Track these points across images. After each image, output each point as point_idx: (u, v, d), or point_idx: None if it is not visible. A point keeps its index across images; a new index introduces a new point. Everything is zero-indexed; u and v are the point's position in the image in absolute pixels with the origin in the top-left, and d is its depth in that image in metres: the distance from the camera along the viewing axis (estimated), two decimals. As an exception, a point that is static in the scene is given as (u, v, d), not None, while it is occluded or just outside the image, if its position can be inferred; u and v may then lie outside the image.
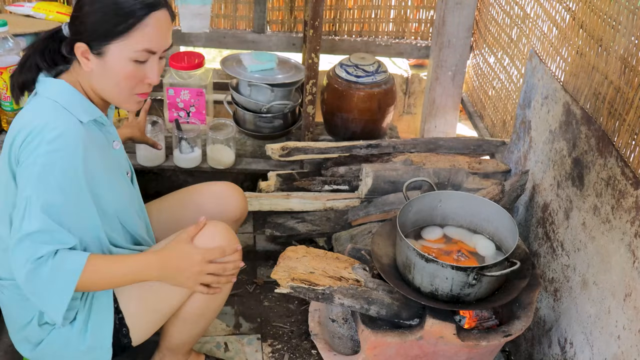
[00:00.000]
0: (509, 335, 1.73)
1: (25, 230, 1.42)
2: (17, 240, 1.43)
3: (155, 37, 1.49)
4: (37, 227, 1.42)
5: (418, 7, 3.20)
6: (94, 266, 1.48)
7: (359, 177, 2.43)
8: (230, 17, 3.14)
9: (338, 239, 2.31)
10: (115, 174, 1.64)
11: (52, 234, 1.43)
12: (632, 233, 1.57)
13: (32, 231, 1.42)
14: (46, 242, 1.43)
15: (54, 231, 1.43)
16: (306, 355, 2.12)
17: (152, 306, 1.66)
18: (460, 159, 2.48)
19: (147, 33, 1.47)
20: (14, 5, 2.83)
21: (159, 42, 1.51)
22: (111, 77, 1.51)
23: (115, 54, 1.47)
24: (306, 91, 2.69)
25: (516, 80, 2.71)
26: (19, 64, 1.58)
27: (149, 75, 1.53)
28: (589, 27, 1.95)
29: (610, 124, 1.77)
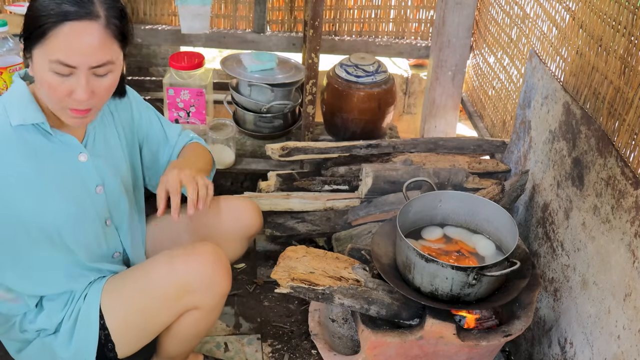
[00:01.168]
0: (509, 335, 1.73)
1: None
2: None
3: (66, 49, 1.38)
4: None
5: (418, 7, 3.20)
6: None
7: (359, 177, 2.43)
8: (230, 17, 3.14)
9: (338, 239, 2.31)
10: (75, 187, 1.58)
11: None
12: (632, 233, 1.57)
13: None
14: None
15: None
16: (306, 355, 2.12)
17: (139, 325, 1.66)
18: (460, 159, 2.48)
19: (58, 44, 1.37)
20: (14, 5, 2.83)
21: (72, 56, 1.38)
22: (40, 84, 1.45)
23: (38, 60, 1.42)
24: (306, 91, 2.69)
25: (516, 80, 2.71)
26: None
27: (75, 90, 1.43)
28: (588, 27, 1.95)
29: (610, 123, 1.77)
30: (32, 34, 1.39)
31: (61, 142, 1.55)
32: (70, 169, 1.57)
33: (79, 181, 1.59)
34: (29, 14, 1.41)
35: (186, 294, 1.61)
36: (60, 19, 1.37)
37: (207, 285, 1.63)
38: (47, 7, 1.37)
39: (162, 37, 3.09)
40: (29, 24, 1.41)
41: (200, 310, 1.66)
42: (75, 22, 1.37)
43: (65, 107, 1.47)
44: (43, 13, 1.37)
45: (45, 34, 1.37)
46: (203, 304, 1.65)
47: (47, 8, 1.37)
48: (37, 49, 1.40)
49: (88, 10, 1.39)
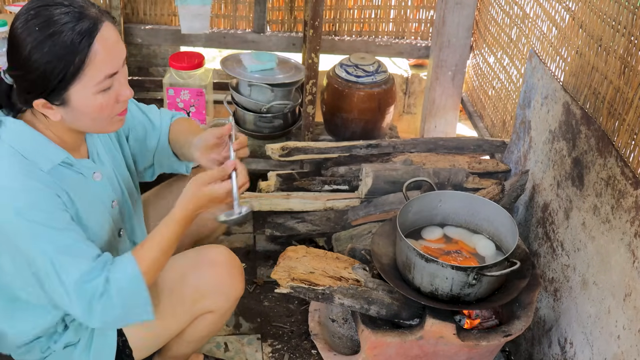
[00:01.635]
0: (509, 335, 1.73)
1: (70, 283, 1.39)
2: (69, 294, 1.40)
3: (110, 58, 1.38)
4: (76, 272, 1.39)
5: (418, 7, 3.20)
6: (143, 259, 1.48)
7: (359, 177, 2.43)
8: (230, 17, 3.14)
9: (338, 239, 2.31)
10: (97, 206, 1.57)
11: (90, 267, 1.41)
12: (632, 233, 1.57)
13: (75, 279, 1.39)
14: (93, 278, 1.40)
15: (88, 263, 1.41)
16: (306, 355, 2.12)
17: (155, 329, 1.65)
18: (460, 159, 2.48)
19: (100, 60, 1.36)
20: (14, 5, 2.83)
21: (114, 61, 1.39)
22: (84, 116, 1.42)
23: (79, 96, 1.38)
24: (306, 91, 2.69)
25: (516, 80, 2.71)
26: None
27: (121, 93, 1.44)
28: (588, 27, 1.95)
29: (610, 123, 1.77)
30: (65, 77, 1.34)
31: (81, 168, 1.53)
32: (92, 191, 1.56)
33: (99, 201, 1.58)
34: (44, 68, 1.33)
35: (202, 298, 1.62)
36: (89, 41, 1.34)
37: (223, 289, 1.64)
38: (67, 42, 1.32)
39: (162, 37, 3.09)
40: (51, 74, 1.34)
41: (214, 313, 1.67)
42: (98, 33, 1.36)
43: (113, 116, 1.46)
44: (68, 51, 1.32)
45: (83, 63, 1.34)
46: (218, 307, 1.66)
47: (68, 42, 1.32)
48: (75, 85, 1.36)
49: (95, 15, 1.37)
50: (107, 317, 1.44)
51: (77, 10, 1.35)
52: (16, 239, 1.40)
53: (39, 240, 1.38)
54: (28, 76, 1.36)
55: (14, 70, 1.38)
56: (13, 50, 1.36)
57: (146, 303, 1.48)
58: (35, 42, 1.33)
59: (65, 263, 1.39)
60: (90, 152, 1.59)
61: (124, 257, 1.47)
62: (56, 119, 1.42)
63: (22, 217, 1.36)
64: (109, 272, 1.42)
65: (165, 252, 1.54)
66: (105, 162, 1.63)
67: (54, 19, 1.33)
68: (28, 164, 1.40)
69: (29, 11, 1.35)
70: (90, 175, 1.55)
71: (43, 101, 1.39)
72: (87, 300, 1.40)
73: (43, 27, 1.33)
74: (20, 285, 1.51)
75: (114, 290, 1.42)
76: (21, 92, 1.40)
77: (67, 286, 1.39)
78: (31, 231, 1.37)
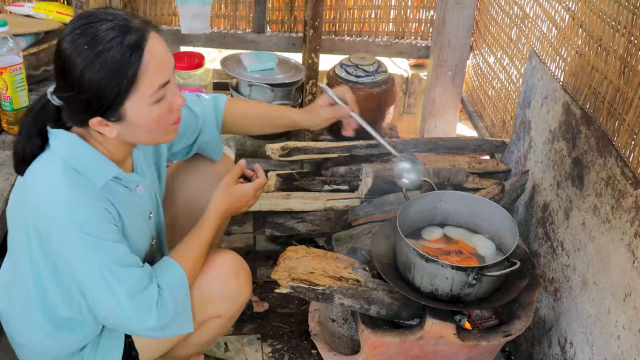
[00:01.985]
0: (509, 335, 1.73)
1: (122, 293, 1.40)
2: (121, 305, 1.41)
3: (162, 67, 1.39)
4: (129, 282, 1.41)
5: (418, 7, 3.20)
6: (183, 261, 1.53)
7: (359, 177, 2.43)
8: (230, 17, 3.14)
9: (338, 239, 2.31)
10: (138, 218, 1.59)
11: (139, 277, 1.43)
12: (631, 233, 1.57)
13: (128, 288, 1.41)
14: (145, 287, 1.43)
15: (138, 273, 1.44)
16: (306, 355, 2.12)
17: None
18: (460, 159, 2.48)
19: (152, 71, 1.36)
20: (14, 5, 2.83)
21: (166, 69, 1.41)
22: (141, 129, 1.42)
23: (135, 110, 1.38)
24: (306, 91, 2.70)
25: (516, 80, 2.71)
26: (19, 134, 1.46)
27: (174, 102, 1.44)
28: (588, 27, 1.95)
29: (610, 123, 1.77)
30: (119, 92, 1.34)
31: (128, 182, 1.53)
32: (135, 203, 1.57)
33: (140, 212, 1.60)
34: (97, 86, 1.33)
35: (210, 303, 1.62)
36: (139, 53, 1.33)
37: (230, 294, 1.65)
38: (117, 57, 1.32)
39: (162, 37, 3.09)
40: (105, 91, 1.33)
41: (221, 318, 1.68)
42: (147, 44, 1.35)
43: (168, 126, 1.47)
44: (119, 65, 1.32)
45: (136, 76, 1.34)
46: (225, 312, 1.67)
47: (118, 57, 1.32)
48: (130, 99, 1.36)
49: (140, 26, 1.37)
50: (161, 322, 1.46)
51: (122, 23, 1.34)
52: (67, 251, 1.41)
53: (95, 252, 1.39)
54: (82, 96, 1.35)
55: (66, 91, 1.36)
56: (63, 72, 1.35)
57: (188, 310, 1.52)
58: (86, 62, 1.32)
59: (119, 274, 1.41)
60: (135, 166, 1.60)
61: (165, 262, 1.51)
62: (112, 135, 1.42)
63: (81, 230, 1.38)
64: (157, 279, 1.46)
65: (202, 254, 1.60)
66: (147, 174, 1.64)
67: (101, 35, 1.32)
68: (82, 179, 1.41)
69: (74, 30, 1.34)
70: (134, 188, 1.56)
71: (99, 119, 1.38)
72: (145, 309, 1.43)
73: (91, 45, 1.32)
74: (62, 302, 1.51)
75: (167, 294, 1.46)
76: (75, 113, 1.40)
77: (120, 296, 1.41)
78: (87, 244, 1.39)
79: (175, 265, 1.52)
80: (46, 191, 1.39)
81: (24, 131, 1.45)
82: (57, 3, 2.91)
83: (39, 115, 1.44)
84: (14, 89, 2.18)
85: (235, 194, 1.68)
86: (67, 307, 1.50)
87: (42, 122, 1.44)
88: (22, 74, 2.20)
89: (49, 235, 1.41)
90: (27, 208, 1.43)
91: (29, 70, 2.47)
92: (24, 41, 2.55)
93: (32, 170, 1.43)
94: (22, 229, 1.45)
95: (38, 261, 1.46)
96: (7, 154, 2.16)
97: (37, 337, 1.57)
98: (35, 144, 1.44)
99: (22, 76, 2.20)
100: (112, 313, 1.44)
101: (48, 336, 1.55)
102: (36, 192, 1.40)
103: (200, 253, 1.59)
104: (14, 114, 2.24)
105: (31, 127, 1.44)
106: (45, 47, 2.61)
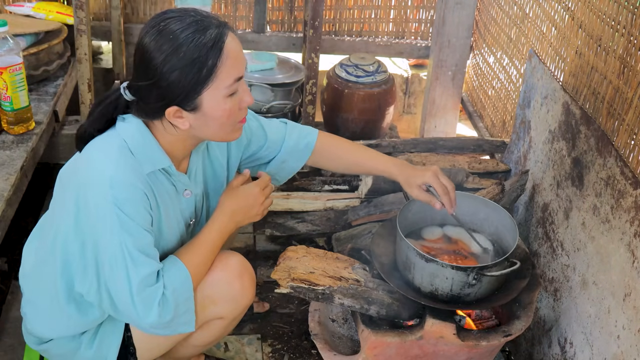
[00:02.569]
0: (509, 335, 1.73)
1: (135, 281, 1.43)
2: (132, 293, 1.43)
3: (238, 62, 1.44)
4: (144, 272, 1.43)
5: (418, 7, 3.20)
6: (189, 262, 1.53)
7: (359, 177, 2.43)
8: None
9: (338, 239, 2.31)
10: (176, 219, 1.61)
11: (153, 271, 1.45)
12: (631, 233, 1.57)
13: (141, 278, 1.43)
14: (154, 282, 1.45)
15: (155, 267, 1.46)
16: (306, 355, 2.12)
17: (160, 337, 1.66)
18: (460, 159, 2.48)
19: (230, 64, 1.41)
20: (14, 5, 2.83)
21: (241, 65, 1.46)
22: (214, 122, 1.47)
23: (212, 100, 1.43)
24: (306, 91, 2.70)
25: (516, 80, 2.71)
26: (87, 119, 1.51)
27: (244, 99, 1.49)
28: (588, 27, 1.95)
29: (610, 123, 1.77)
30: (199, 80, 1.39)
31: (176, 181, 1.57)
32: (177, 205, 1.60)
33: (180, 215, 1.62)
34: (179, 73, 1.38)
35: (213, 304, 1.62)
36: (220, 45, 1.39)
37: (234, 297, 1.65)
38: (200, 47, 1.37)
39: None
40: (186, 78, 1.38)
41: (223, 320, 1.67)
42: (227, 38, 1.41)
43: (236, 123, 1.51)
44: (202, 54, 1.37)
45: (215, 66, 1.39)
46: (227, 314, 1.67)
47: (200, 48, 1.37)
48: (208, 90, 1.41)
49: (219, 23, 1.42)
50: (161, 320, 1.47)
51: (204, 19, 1.41)
52: (98, 223, 1.44)
53: (122, 231, 1.42)
54: (162, 83, 1.39)
55: (146, 80, 1.41)
56: (145, 62, 1.40)
57: (191, 312, 1.53)
58: (169, 50, 1.37)
59: (138, 260, 1.43)
60: (189, 169, 1.62)
61: (172, 261, 1.52)
62: (185, 127, 1.46)
63: (117, 206, 1.41)
64: (164, 278, 1.48)
65: (209, 256, 1.60)
66: (198, 183, 1.67)
67: (184, 28, 1.38)
68: (134, 160, 1.45)
69: (159, 24, 1.40)
70: (182, 190, 1.60)
71: (176, 108, 1.42)
72: (149, 304, 1.44)
73: (174, 37, 1.37)
74: (79, 276, 1.52)
75: (169, 294, 1.47)
76: (153, 101, 1.43)
77: (132, 283, 1.43)
78: (118, 221, 1.42)
79: (181, 266, 1.52)
80: (97, 162, 1.44)
81: (91, 119, 1.51)
82: (57, 3, 2.92)
83: (109, 107, 1.50)
84: (14, 89, 2.18)
85: (240, 192, 1.67)
86: (81, 283, 1.52)
87: (111, 114, 1.50)
88: (22, 74, 2.20)
89: (87, 205, 1.44)
90: (77, 177, 1.47)
91: (29, 70, 2.48)
92: (24, 41, 2.55)
93: (92, 143, 1.49)
94: (65, 196, 1.49)
95: (69, 232, 1.48)
96: (7, 154, 2.17)
97: (50, 303, 1.59)
98: (99, 129, 1.50)
99: (22, 76, 2.20)
100: (122, 294, 1.45)
101: (58, 305, 1.57)
102: (88, 162, 1.46)
103: (207, 255, 1.59)
104: (14, 114, 2.24)
105: (99, 117, 1.50)
106: (45, 47, 2.61)
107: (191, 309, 1.54)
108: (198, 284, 1.57)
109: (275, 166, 1.87)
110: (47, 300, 1.60)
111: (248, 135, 1.78)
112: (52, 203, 1.59)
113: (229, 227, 1.64)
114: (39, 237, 1.66)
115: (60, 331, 1.63)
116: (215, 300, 1.62)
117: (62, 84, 2.69)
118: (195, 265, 1.55)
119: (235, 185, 1.69)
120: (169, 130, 1.49)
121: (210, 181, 1.73)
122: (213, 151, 1.71)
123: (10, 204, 1.99)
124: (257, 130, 1.80)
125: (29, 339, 1.71)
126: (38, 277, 1.62)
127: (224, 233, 1.63)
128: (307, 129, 1.90)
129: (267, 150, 1.83)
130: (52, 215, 1.59)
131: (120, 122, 1.49)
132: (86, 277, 1.50)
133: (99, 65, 3.40)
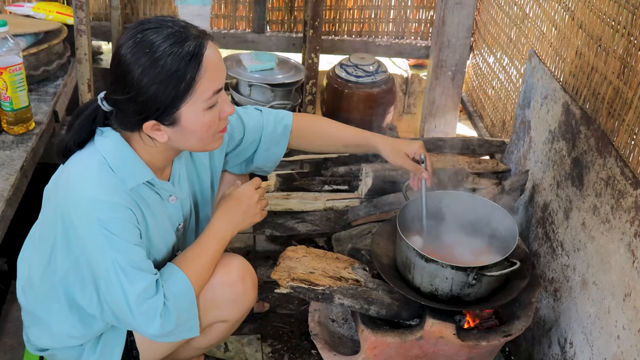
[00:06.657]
0: (509, 335, 1.73)
1: (132, 296, 1.42)
2: (130, 307, 1.43)
3: (217, 74, 1.42)
4: (140, 286, 1.42)
5: (418, 7, 3.21)
6: (189, 270, 1.52)
7: (359, 177, 2.43)
8: (230, 17, 3.14)
9: (338, 239, 2.31)
10: (165, 226, 1.61)
11: (150, 283, 1.44)
12: (631, 233, 1.57)
13: (138, 292, 1.42)
14: (153, 294, 1.44)
15: (151, 279, 1.45)
16: (306, 355, 2.12)
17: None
18: (460, 159, 2.48)
19: (208, 77, 1.39)
20: (14, 5, 2.83)
21: (221, 76, 1.44)
22: (192, 135, 1.45)
23: (190, 114, 1.41)
24: (306, 91, 2.70)
25: (515, 80, 2.71)
26: (66, 133, 1.50)
27: (224, 109, 1.47)
28: (588, 27, 1.95)
29: (610, 123, 1.78)
30: (177, 94, 1.37)
31: (160, 189, 1.56)
32: (164, 212, 1.59)
33: (168, 221, 1.61)
34: (157, 88, 1.36)
35: (215, 308, 1.62)
36: (198, 59, 1.37)
37: (236, 300, 1.65)
38: (177, 61, 1.35)
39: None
40: (163, 93, 1.37)
41: (226, 322, 1.68)
42: (206, 50, 1.39)
43: (216, 133, 1.49)
44: (179, 67, 1.35)
45: (194, 80, 1.37)
46: (230, 317, 1.67)
47: (177, 62, 1.35)
48: (187, 103, 1.39)
49: (198, 34, 1.40)
50: (164, 330, 1.47)
51: (182, 30, 1.38)
52: (87, 243, 1.43)
53: (112, 250, 1.41)
54: (140, 98, 1.37)
55: (123, 94, 1.39)
56: (122, 76, 1.38)
57: (194, 320, 1.53)
58: (146, 65, 1.35)
59: (132, 276, 1.42)
60: (172, 175, 1.61)
61: (171, 270, 1.51)
62: (163, 140, 1.44)
63: (102, 226, 1.40)
64: (163, 288, 1.47)
65: (210, 261, 1.58)
66: (183, 187, 1.66)
67: (161, 41, 1.36)
68: (115, 177, 1.44)
69: (136, 35, 1.37)
70: (166, 197, 1.59)
71: (153, 122, 1.41)
72: (150, 316, 1.44)
73: (152, 50, 1.35)
74: (78, 288, 1.52)
75: (171, 304, 1.46)
76: (130, 116, 1.42)
77: (129, 298, 1.42)
78: (107, 241, 1.41)
79: (181, 274, 1.51)
80: (77, 183, 1.43)
81: (71, 133, 1.48)
82: (57, 3, 2.92)
83: (88, 118, 1.48)
84: (13, 89, 2.18)
85: (234, 195, 1.66)
86: (81, 296, 1.52)
87: (90, 126, 1.48)
88: (22, 74, 2.20)
89: (74, 225, 1.43)
90: (59, 196, 1.47)
91: (28, 70, 2.47)
92: (24, 41, 2.55)
93: (71, 161, 1.48)
94: (53, 214, 1.48)
95: (62, 249, 1.48)
96: (7, 154, 2.17)
97: (52, 316, 1.59)
98: (78, 142, 1.48)
99: (22, 76, 2.20)
100: (121, 310, 1.45)
101: (62, 317, 1.57)
102: (68, 182, 1.44)
103: (207, 261, 1.58)
104: (14, 114, 2.24)
105: (78, 129, 1.48)
106: (45, 47, 2.61)
107: (194, 315, 1.53)
108: (201, 290, 1.56)
109: (261, 156, 1.85)
110: (49, 313, 1.60)
111: (229, 131, 1.76)
112: (42, 216, 1.58)
113: (228, 230, 1.62)
114: (31, 248, 1.65)
115: (64, 342, 1.62)
116: (218, 304, 1.62)
117: (62, 84, 2.69)
118: (196, 272, 1.54)
119: (228, 192, 1.68)
120: (148, 143, 1.47)
121: (195, 182, 1.73)
122: (196, 153, 1.70)
123: (10, 204, 1.99)
124: (236, 122, 1.79)
125: (30, 347, 1.71)
126: (38, 290, 1.61)
127: (223, 237, 1.62)
128: (282, 112, 1.88)
129: (247, 139, 1.82)
130: (42, 228, 1.57)
131: (98, 137, 1.47)
132: (85, 291, 1.50)
133: (99, 65, 3.39)
